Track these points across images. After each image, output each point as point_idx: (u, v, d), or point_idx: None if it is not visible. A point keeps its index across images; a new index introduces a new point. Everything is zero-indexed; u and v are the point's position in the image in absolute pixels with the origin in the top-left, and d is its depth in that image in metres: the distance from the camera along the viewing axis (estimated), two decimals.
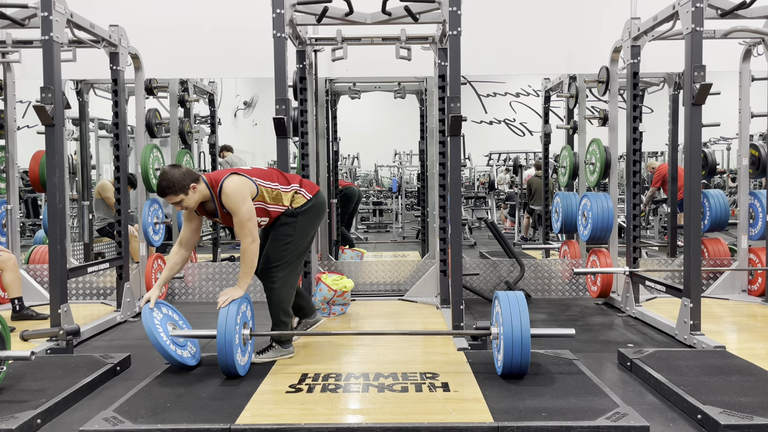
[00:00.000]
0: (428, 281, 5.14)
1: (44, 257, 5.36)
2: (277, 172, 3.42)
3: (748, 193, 5.08)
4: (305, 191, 3.40)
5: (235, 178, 3.19)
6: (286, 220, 3.33)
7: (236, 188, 3.15)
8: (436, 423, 2.45)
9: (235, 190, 3.14)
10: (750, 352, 3.37)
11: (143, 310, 3.10)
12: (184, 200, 3.14)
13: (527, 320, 2.93)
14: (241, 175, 3.22)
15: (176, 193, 3.11)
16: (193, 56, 5.73)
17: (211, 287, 5.38)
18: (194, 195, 3.16)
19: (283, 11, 3.63)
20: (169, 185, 3.09)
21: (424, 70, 5.27)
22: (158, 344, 3.04)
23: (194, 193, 3.16)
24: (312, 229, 3.44)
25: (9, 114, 5.05)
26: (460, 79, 3.64)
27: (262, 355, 3.34)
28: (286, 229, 3.33)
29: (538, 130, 8.51)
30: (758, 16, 4.22)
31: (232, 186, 3.15)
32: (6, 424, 2.40)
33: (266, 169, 3.41)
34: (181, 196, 3.12)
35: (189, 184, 3.13)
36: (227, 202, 3.15)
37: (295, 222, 3.34)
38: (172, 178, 3.09)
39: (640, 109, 4.69)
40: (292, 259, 3.35)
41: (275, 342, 3.40)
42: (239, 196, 3.14)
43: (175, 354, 3.10)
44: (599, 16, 5.67)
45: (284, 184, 3.36)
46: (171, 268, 3.33)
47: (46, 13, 3.60)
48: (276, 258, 3.32)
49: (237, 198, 3.14)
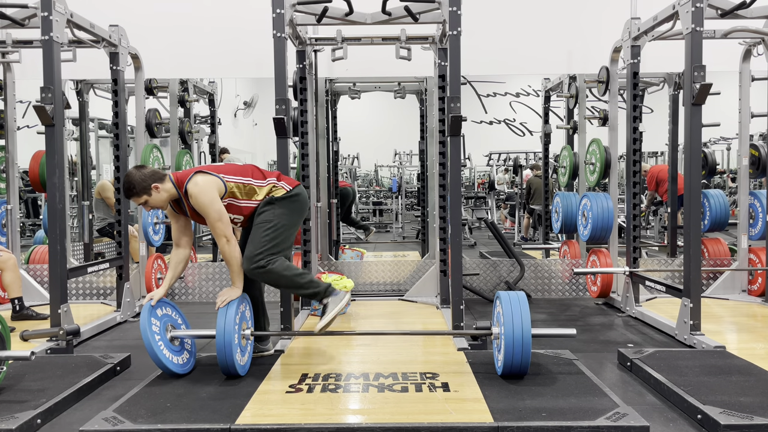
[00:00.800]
0: (428, 281, 5.14)
1: (44, 257, 5.36)
2: (253, 168, 3.31)
3: (748, 193, 5.08)
4: (284, 184, 3.27)
5: (199, 178, 3.09)
6: (264, 208, 3.20)
7: (201, 189, 3.07)
8: (436, 423, 2.45)
9: (200, 191, 3.07)
10: (750, 352, 3.37)
11: (142, 310, 3.09)
12: (148, 201, 3.11)
13: (528, 320, 2.93)
14: (206, 173, 3.13)
15: (139, 195, 3.09)
16: (193, 56, 5.73)
17: (211, 287, 5.38)
18: (159, 195, 3.12)
19: (283, 11, 3.62)
20: (130, 187, 3.08)
21: (424, 70, 5.27)
22: (150, 347, 2.98)
23: (158, 193, 3.11)
24: (293, 219, 3.26)
25: (9, 114, 5.05)
26: (460, 79, 3.64)
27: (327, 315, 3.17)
28: (265, 215, 3.18)
29: (538, 130, 8.51)
30: (758, 16, 4.22)
31: (196, 188, 3.07)
32: (6, 424, 2.40)
33: (242, 165, 3.33)
34: (144, 197, 3.10)
35: (150, 184, 3.08)
36: (194, 203, 3.09)
37: (273, 208, 3.20)
38: (132, 180, 3.08)
39: (640, 109, 4.69)
40: (275, 247, 3.15)
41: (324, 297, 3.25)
42: (206, 198, 3.06)
43: (165, 359, 3.02)
44: (599, 16, 5.67)
45: (259, 179, 3.25)
46: (174, 269, 3.31)
47: (46, 13, 3.60)
48: (258, 247, 3.13)
49: (203, 199, 3.06)
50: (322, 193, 5.63)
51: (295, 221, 3.29)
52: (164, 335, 3.10)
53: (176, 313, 3.31)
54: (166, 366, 3.02)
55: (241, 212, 3.24)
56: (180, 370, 3.09)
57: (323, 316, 3.18)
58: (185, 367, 3.14)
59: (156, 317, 3.10)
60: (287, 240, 3.24)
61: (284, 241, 3.21)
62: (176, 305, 3.34)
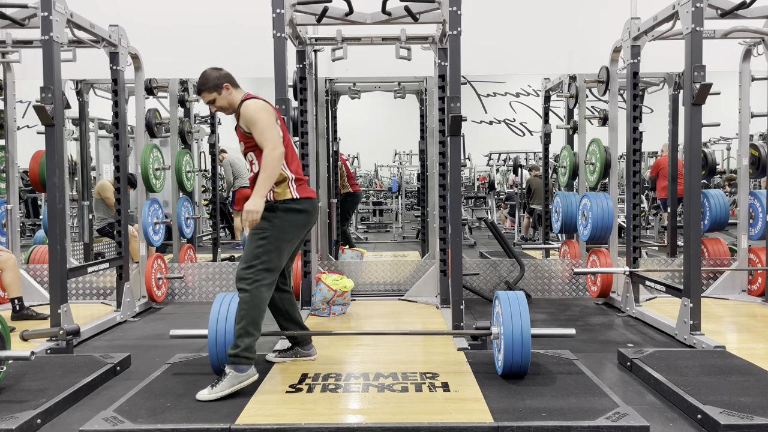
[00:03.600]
0: (428, 281, 5.14)
1: (44, 257, 5.36)
2: (290, 143, 3.16)
3: (748, 193, 5.08)
4: (294, 188, 3.03)
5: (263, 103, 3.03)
6: (264, 214, 2.93)
7: (259, 106, 2.97)
8: (436, 423, 2.45)
9: (256, 106, 2.97)
10: (750, 352, 3.37)
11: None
12: (217, 99, 3.07)
13: (528, 320, 2.93)
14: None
15: (209, 91, 3.06)
16: (193, 56, 5.73)
17: (211, 287, 5.38)
18: (228, 96, 3.05)
19: (283, 11, 3.63)
20: (204, 81, 3.06)
21: (424, 70, 5.27)
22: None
23: (229, 94, 3.05)
24: (292, 232, 3.03)
25: (9, 114, 5.05)
26: (460, 79, 3.64)
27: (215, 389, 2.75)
28: (262, 222, 2.95)
29: (538, 130, 8.52)
30: (758, 16, 4.22)
31: (253, 103, 2.98)
32: (6, 424, 2.40)
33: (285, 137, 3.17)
34: (214, 95, 3.07)
35: (223, 83, 3.05)
36: (245, 115, 2.97)
37: (274, 216, 2.97)
38: (207, 75, 3.07)
39: (640, 109, 4.69)
40: (267, 260, 2.93)
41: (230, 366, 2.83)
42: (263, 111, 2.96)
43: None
44: (599, 16, 5.67)
45: (288, 164, 3.06)
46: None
47: (46, 13, 3.60)
48: (248, 257, 2.94)
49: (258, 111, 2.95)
50: (322, 192, 5.63)
51: (295, 228, 3.05)
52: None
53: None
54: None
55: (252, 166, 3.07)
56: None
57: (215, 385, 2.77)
58: None
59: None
60: (282, 255, 3.02)
61: (279, 256, 3.00)
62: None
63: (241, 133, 3.05)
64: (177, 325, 4.42)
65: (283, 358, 3.31)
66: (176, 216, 5.75)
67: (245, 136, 3.02)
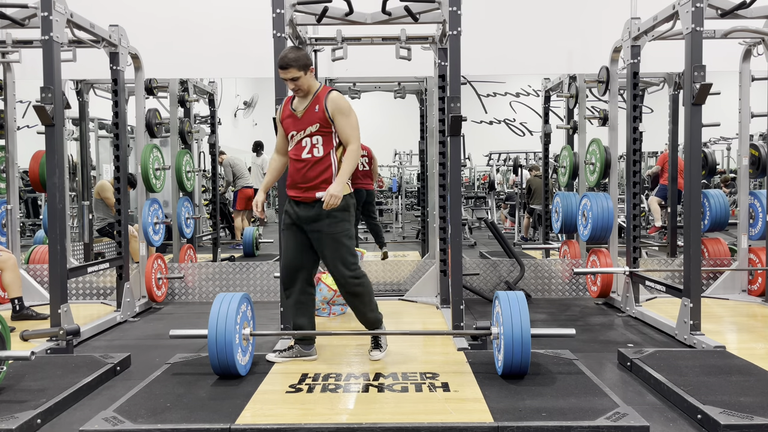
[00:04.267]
0: (428, 281, 5.14)
1: (44, 257, 5.36)
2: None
3: (748, 193, 5.08)
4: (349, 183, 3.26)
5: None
6: (341, 215, 3.20)
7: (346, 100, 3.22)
8: (436, 423, 2.45)
9: (351, 104, 3.21)
10: (750, 352, 3.37)
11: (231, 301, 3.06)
12: (300, 79, 3.13)
13: (527, 320, 2.93)
14: None
15: (299, 68, 3.11)
16: (193, 56, 5.73)
17: (211, 287, 5.38)
18: (309, 80, 3.16)
19: (283, 11, 3.62)
20: (295, 58, 3.10)
21: (424, 70, 5.27)
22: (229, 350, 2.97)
23: (310, 77, 3.16)
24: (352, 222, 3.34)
25: (9, 114, 5.05)
26: (460, 79, 3.64)
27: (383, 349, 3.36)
28: (345, 224, 3.22)
29: (538, 130, 8.51)
30: (758, 16, 4.22)
31: (341, 97, 3.21)
32: (6, 424, 2.40)
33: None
34: (300, 73, 3.12)
35: (309, 66, 3.15)
36: (338, 103, 3.16)
37: (349, 215, 3.24)
38: (298, 54, 3.13)
39: (640, 109, 4.69)
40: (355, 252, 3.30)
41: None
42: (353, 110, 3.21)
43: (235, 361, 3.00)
44: (599, 16, 5.67)
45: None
46: (274, 172, 3.41)
47: (46, 13, 3.60)
48: (347, 259, 3.22)
49: (352, 108, 3.20)
50: None
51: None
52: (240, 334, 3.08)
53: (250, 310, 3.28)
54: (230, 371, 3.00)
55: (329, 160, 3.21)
56: (243, 371, 3.08)
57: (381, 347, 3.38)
58: (245, 369, 3.12)
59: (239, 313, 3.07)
60: None
61: None
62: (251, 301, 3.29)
63: (322, 117, 3.16)
64: (177, 325, 4.42)
65: (284, 358, 3.32)
66: (176, 216, 5.75)
67: (327, 120, 3.16)
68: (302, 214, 3.21)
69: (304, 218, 3.21)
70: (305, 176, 3.18)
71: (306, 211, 3.20)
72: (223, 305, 3.06)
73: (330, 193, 3.06)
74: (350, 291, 3.27)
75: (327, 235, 3.19)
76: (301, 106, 3.21)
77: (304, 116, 3.18)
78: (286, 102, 3.31)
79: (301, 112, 3.19)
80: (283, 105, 3.31)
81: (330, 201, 3.06)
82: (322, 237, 3.20)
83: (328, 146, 3.18)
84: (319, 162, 3.17)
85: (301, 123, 3.19)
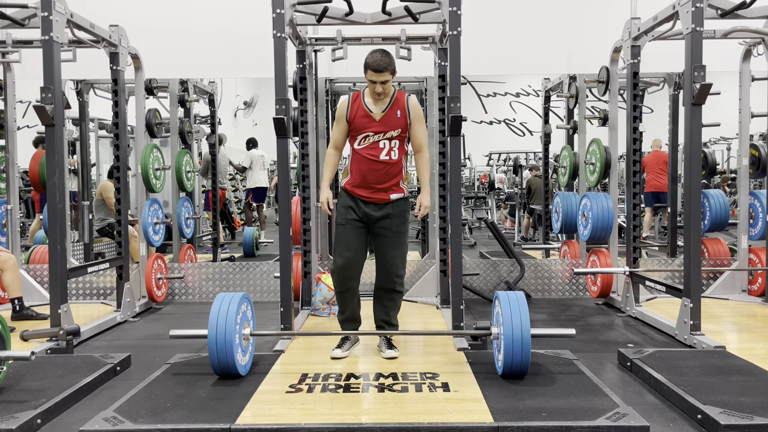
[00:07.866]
0: (428, 281, 5.14)
1: (44, 257, 5.36)
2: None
3: (748, 193, 5.08)
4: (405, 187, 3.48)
5: None
6: (407, 216, 3.41)
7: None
8: (436, 423, 2.45)
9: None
10: (750, 352, 3.37)
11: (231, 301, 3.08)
12: (389, 82, 3.25)
13: (527, 320, 2.93)
14: None
15: (392, 73, 3.23)
16: (193, 56, 5.73)
17: (211, 287, 5.38)
18: (391, 83, 3.29)
19: (283, 11, 3.62)
20: (390, 61, 3.23)
21: (424, 70, 5.26)
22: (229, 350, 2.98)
23: (392, 80, 3.28)
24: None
25: (9, 114, 5.05)
26: (460, 79, 3.64)
27: (395, 347, 3.42)
28: (407, 225, 3.43)
29: (538, 130, 8.52)
30: (758, 16, 4.22)
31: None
32: (6, 424, 2.40)
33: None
34: (391, 77, 3.24)
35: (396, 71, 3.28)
36: (419, 111, 3.36)
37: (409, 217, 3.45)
38: (391, 58, 3.25)
39: (640, 109, 4.69)
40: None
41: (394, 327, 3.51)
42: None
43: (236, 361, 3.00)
44: (599, 16, 5.67)
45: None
46: (335, 167, 3.51)
47: (46, 13, 3.60)
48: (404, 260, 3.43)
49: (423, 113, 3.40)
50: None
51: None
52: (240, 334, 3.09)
53: (250, 310, 3.29)
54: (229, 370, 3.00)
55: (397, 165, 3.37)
56: (243, 372, 3.08)
57: (392, 346, 3.41)
58: (245, 369, 3.12)
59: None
60: None
61: None
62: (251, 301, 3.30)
63: (404, 123, 3.33)
64: (177, 325, 4.42)
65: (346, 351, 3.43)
66: (176, 216, 5.75)
67: (407, 126, 3.34)
68: (370, 213, 3.33)
69: (372, 217, 3.34)
70: (380, 178, 3.31)
71: (375, 210, 3.34)
72: (223, 305, 3.06)
73: (425, 205, 3.37)
74: (395, 289, 3.42)
75: (394, 234, 3.35)
76: (377, 107, 3.30)
77: (384, 119, 3.29)
78: (355, 99, 3.39)
79: (380, 114, 3.30)
80: (352, 101, 3.38)
81: (424, 213, 3.36)
82: (388, 235, 3.35)
83: (401, 151, 3.35)
84: (395, 166, 3.34)
85: (381, 125, 3.30)
